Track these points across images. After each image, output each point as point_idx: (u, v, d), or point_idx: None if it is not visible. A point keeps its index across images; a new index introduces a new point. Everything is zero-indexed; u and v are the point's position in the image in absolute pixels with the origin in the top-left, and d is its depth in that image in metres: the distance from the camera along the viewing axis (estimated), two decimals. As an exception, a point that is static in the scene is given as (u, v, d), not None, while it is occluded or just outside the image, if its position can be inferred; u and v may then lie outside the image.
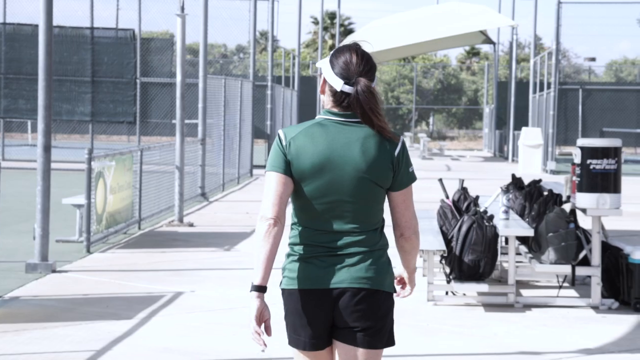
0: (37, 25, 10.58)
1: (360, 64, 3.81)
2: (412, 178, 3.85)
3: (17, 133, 34.74)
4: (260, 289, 3.68)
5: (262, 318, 3.68)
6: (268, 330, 3.70)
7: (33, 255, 10.13)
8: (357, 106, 3.78)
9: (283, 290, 3.81)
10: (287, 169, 3.76)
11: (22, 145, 30.31)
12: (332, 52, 3.91)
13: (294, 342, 3.81)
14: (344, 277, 3.73)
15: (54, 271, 9.99)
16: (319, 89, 3.96)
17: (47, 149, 10.25)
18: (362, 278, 3.74)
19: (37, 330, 7.49)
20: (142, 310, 8.24)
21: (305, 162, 3.75)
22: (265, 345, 3.66)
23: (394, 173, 3.80)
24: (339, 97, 3.81)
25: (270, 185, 3.76)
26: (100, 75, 24.35)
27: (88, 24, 25.73)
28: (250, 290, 3.69)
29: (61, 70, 23.67)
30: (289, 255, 3.83)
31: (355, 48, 3.83)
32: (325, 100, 3.87)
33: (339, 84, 3.81)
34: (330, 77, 3.83)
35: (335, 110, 3.82)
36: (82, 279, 9.74)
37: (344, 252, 3.75)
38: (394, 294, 3.87)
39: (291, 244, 3.82)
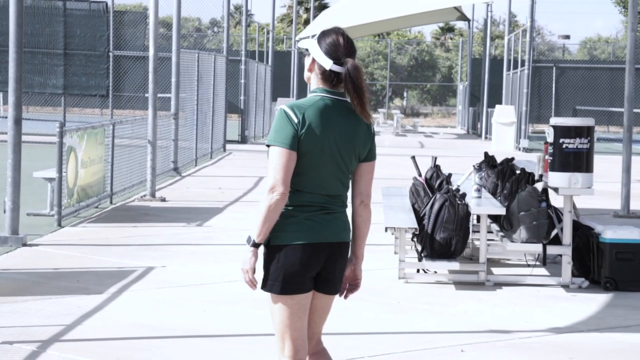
0: (8, -3, 10.44)
1: (347, 46, 4.31)
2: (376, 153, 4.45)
3: (-12, 105, 34.43)
4: (258, 246, 4.25)
5: (254, 266, 4.27)
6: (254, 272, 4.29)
7: (3, 229, 10.05)
8: (349, 83, 4.26)
9: (282, 246, 4.24)
10: (295, 143, 4.21)
11: (-7, 117, 30.00)
12: (318, 35, 4.34)
13: (295, 289, 4.26)
14: (336, 232, 4.31)
15: (24, 245, 9.92)
16: (306, 67, 4.36)
17: (17, 121, 10.16)
18: (345, 232, 4.35)
19: (7, 304, 7.45)
20: (113, 285, 8.21)
21: (316, 134, 4.23)
22: (256, 286, 4.28)
23: (370, 146, 4.37)
24: (328, 76, 4.29)
25: (280, 160, 4.18)
26: (72, 48, 24.13)
27: (61, -5, 25.45)
28: (251, 245, 4.24)
29: (33, 43, 23.43)
30: (286, 216, 4.24)
31: (341, 32, 4.31)
32: (312, 79, 4.34)
33: (328, 64, 4.28)
34: (319, 57, 4.30)
35: (327, 88, 4.30)
36: (53, 252, 9.69)
37: (334, 212, 4.31)
38: (341, 295, 4.49)
39: (289, 206, 4.25)
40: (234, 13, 54.05)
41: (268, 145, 4.24)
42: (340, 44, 4.28)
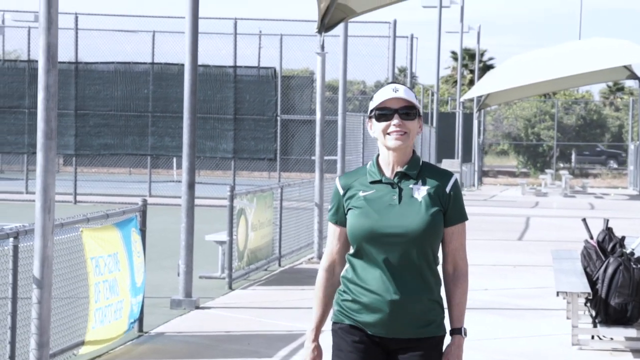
0: (182, 65, 10.85)
1: None
2: None
3: (163, 169, 35.58)
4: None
5: None
6: None
7: (177, 291, 10.31)
8: None
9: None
10: None
11: (168, 182, 31.00)
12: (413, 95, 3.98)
13: None
14: None
15: (197, 307, 10.15)
16: (417, 131, 4.02)
17: (191, 186, 10.46)
18: None
19: (181, 366, 7.61)
20: (283, 349, 8.29)
21: None
22: None
23: None
24: None
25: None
26: (242, 113, 24.81)
27: (231, 62, 26.26)
28: (464, 335, 3.92)
29: (205, 108, 24.21)
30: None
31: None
32: (412, 140, 4.01)
33: None
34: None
35: None
36: (224, 315, 9.87)
37: None
38: None
39: None
40: (398, 75, 54.47)
41: (456, 222, 3.94)
42: None
